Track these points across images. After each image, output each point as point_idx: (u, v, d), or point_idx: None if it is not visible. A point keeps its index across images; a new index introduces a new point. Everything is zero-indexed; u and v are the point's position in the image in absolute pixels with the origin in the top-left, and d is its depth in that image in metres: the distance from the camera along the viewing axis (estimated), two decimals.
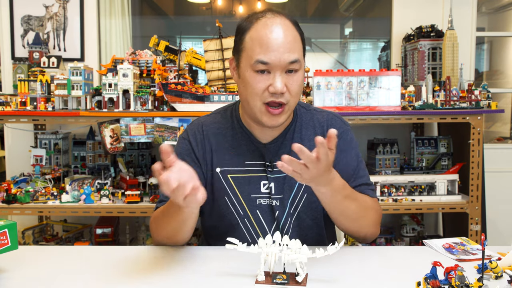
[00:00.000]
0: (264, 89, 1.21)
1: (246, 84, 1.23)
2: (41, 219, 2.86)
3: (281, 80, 1.20)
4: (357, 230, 1.30)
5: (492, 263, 0.99)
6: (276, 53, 1.18)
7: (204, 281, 1.03)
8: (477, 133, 2.38)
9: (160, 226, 1.28)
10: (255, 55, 1.20)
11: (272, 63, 1.19)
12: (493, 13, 4.12)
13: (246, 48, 1.23)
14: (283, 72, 1.21)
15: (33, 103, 2.41)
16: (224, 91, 2.44)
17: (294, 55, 1.20)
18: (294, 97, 1.24)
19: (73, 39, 2.94)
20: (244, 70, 1.24)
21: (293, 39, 1.21)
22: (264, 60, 1.19)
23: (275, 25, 1.20)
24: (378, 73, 2.39)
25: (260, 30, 1.21)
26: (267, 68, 1.20)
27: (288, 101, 1.23)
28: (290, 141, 1.35)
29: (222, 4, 4.07)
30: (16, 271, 1.08)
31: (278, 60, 1.19)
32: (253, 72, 1.21)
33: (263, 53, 1.19)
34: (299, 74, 1.24)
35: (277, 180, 1.32)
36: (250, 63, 1.21)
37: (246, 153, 1.34)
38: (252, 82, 1.22)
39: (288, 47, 1.19)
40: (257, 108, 1.24)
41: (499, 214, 3.00)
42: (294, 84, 1.22)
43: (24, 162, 2.78)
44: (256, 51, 1.20)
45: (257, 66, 1.20)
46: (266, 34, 1.19)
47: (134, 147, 2.79)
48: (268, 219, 1.33)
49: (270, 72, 1.21)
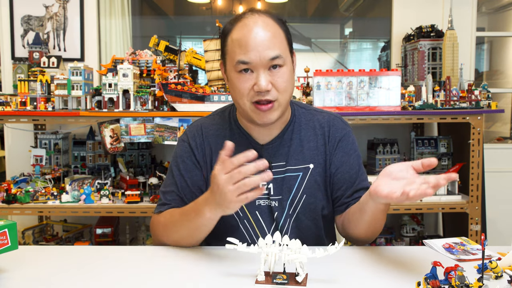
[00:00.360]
0: (249, 88, 1.21)
1: (233, 85, 1.25)
2: (41, 219, 2.86)
3: (265, 77, 1.20)
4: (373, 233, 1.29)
5: (492, 263, 0.99)
6: (255, 51, 1.18)
7: (204, 281, 1.03)
8: (477, 133, 2.38)
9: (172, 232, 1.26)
10: (236, 56, 1.20)
11: (253, 62, 1.19)
12: (493, 13, 4.12)
13: (229, 50, 1.24)
14: (266, 70, 1.20)
15: (33, 103, 2.41)
16: (224, 91, 2.44)
17: (274, 51, 1.19)
18: (282, 93, 1.23)
19: (73, 39, 2.94)
20: (229, 72, 1.25)
21: (272, 35, 1.21)
22: (245, 60, 1.19)
23: (253, 24, 1.21)
24: (378, 73, 2.39)
25: (239, 31, 1.21)
26: (249, 67, 1.20)
27: (276, 98, 1.22)
28: (289, 141, 1.35)
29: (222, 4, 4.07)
30: (16, 271, 1.08)
31: (258, 58, 1.19)
32: (236, 73, 1.22)
33: (243, 53, 1.19)
34: (284, 70, 1.23)
35: (275, 181, 1.32)
36: (233, 64, 1.22)
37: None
38: (237, 83, 1.22)
39: (267, 44, 1.19)
40: (247, 108, 1.24)
41: (499, 214, 3.00)
42: (279, 80, 1.22)
43: (24, 162, 2.78)
44: (237, 52, 1.20)
45: (239, 66, 1.21)
46: (244, 34, 1.20)
47: (134, 147, 2.80)
48: (267, 220, 1.33)
49: (253, 71, 1.21)
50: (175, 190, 1.34)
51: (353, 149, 1.38)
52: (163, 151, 2.97)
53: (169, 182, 1.37)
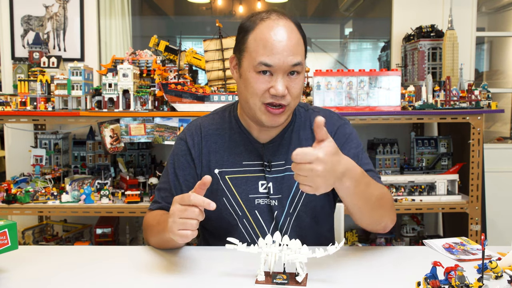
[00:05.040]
0: (265, 90, 1.21)
1: (247, 84, 1.23)
2: (41, 219, 2.86)
3: (283, 83, 1.20)
4: (379, 219, 1.24)
5: (492, 263, 0.99)
6: (280, 56, 1.18)
7: (204, 281, 1.03)
8: (477, 133, 2.38)
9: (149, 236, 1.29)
10: (259, 57, 1.19)
11: (275, 65, 1.19)
12: (493, 13, 4.12)
13: (249, 48, 1.23)
14: (285, 75, 1.21)
15: (33, 103, 2.41)
16: (224, 91, 2.44)
17: (297, 58, 1.20)
18: (294, 99, 1.24)
19: (73, 39, 2.94)
20: (246, 70, 1.24)
21: (296, 42, 1.21)
22: (268, 62, 1.19)
23: (279, 27, 1.20)
24: (378, 73, 2.39)
25: (264, 32, 1.20)
26: (269, 69, 1.20)
27: (288, 103, 1.23)
28: (289, 141, 1.35)
29: (222, 4, 4.07)
30: (16, 271, 1.08)
31: (281, 62, 1.19)
32: (255, 73, 1.21)
33: (267, 55, 1.19)
34: (301, 77, 1.24)
35: (275, 180, 1.32)
36: (253, 64, 1.21)
37: (244, 153, 1.34)
38: (253, 82, 1.22)
39: (291, 50, 1.19)
40: (256, 107, 1.24)
41: (499, 214, 3.00)
42: (295, 86, 1.23)
43: (24, 162, 2.78)
44: (260, 53, 1.19)
45: (260, 67, 1.20)
46: (270, 36, 1.19)
47: (134, 147, 2.80)
48: (267, 219, 1.32)
49: (272, 74, 1.21)
50: (168, 188, 1.35)
51: (350, 139, 1.36)
52: (163, 151, 2.97)
53: (164, 179, 1.39)
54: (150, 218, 1.32)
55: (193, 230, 1.02)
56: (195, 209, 1.01)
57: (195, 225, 1.02)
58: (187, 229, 1.02)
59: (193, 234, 1.03)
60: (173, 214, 1.04)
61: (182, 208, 1.02)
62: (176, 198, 1.06)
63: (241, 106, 1.34)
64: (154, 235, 1.25)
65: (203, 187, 1.04)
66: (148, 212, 1.37)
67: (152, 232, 1.27)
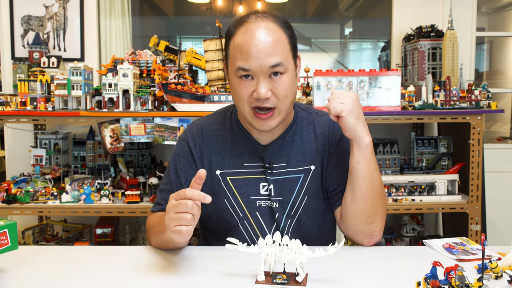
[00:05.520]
0: (249, 94, 1.21)
1: (233, 89, 1.25)
2: (41, 219, 2.86)
3: (265, 85, 1.18)
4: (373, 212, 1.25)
5: (492, 263, 0.99)
6: (256, 59, 1.17)
7: (204, 281, 1.03)
8: (477, 133, 2.38)
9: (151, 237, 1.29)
10: (237, 62, 1.20)
11: (253, 69, 1.18)
12: (493, 13, 4.12)
13: (230, 55, 1.23)
14: (266, 77, 1.19)
15: (33, 103, 2.41)
16: (224, 91, 2.44)
17: (275, 59, 1.18)
18: (282, 100, 1.22)
19: (73, 39, 2.94)
20: (231, 76, 1.25)
21: (274, 42, 1.18)
22: (245, 67, 1.18)
23: (255, 29, 1.18)
24: (378, 73, 2.39)
25: (240, 37, 1.20)
26: (249, 73, 1.19)
27: (275, 105, 1.21)
28: (290, 143, 1.34)
29: (222, 4, 4.07)
30: (16, 271, 1.08)
31: (258, 66, 1.17)
32: (237, 78, 1.22)
33: (243, 60, 1.18)
34: (285, 77, 1.21)
35: (276, 182, 1.32)
36: (233, 69, 1.21)
37: (245, 154, 1.33)
38: (237, 88, 1.22)
39: (268, 52, 1.17)
40: (246, 113, 1.24)
41: (499, 214, 3.00)
42: (279, 87, 1.20)
43: (24, 162, 2.78)
44: (237, 58, 1.19)
45: (239, 72, 1.20)
46: (246, 40, 1.18)
47: (134, 147, 2.80)
48: (268, 221, 1.32)
49: (253, 77, 1.20)
50: (169, 189, 1.34)
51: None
52: (163, 151, 2.97)
53: (166, 181, 1.38)
54: (152, 220, 1.32)
55: (187, 225, 1.00)
56: (188, 201, 1.00)
57: (189, 219, 1.00)
58: (182, 224, 1.00)
59: (188, 231, 1.01)
60: (168, 210, 1.03)
61: (176, 203, 1.02)
62: (172, 195, 1.05)
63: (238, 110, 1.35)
64: (155, 236, 1.25)
65: (198, 181, 1.04)
66: (150, 214, 1.37)
67: (153, 233, 1.27)
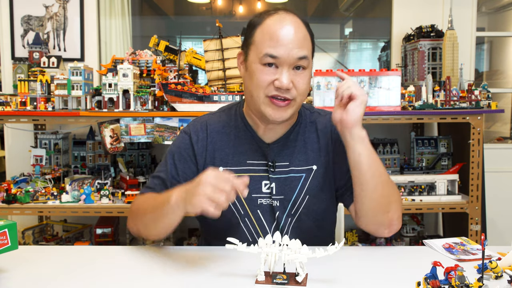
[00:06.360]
0: (269, 82, 1.21)
1: (252, 76, 1.23)
2: (41, 219, 2.86)
3: (288, 76, 1.20)
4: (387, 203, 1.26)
5: (492, 263, 0.99)
6: (285, 47, 1.19)
7: (204, 281, 1.03)
8: (477, 133, 2.38)
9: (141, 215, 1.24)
10: (264, 48, 1.20)
11: (281, 57, 1.19)
12: (493, 13, 4.12)
13: (256, 41, 1.23)
14: (290, 68, 1.21)
15: (33, 103, 2.41)
16: (224, 91, 2.44)
17: (303, 51, 1.21)
18: (300, 95, 1.24)
19: (73, 39, 2.94)
20: (252, 62, 1.24)
21: (303, 37, 1.22)
22: (273, 53, 1.19)
23: (286, 21, 1.21)
24: (378, 73, 2.39)
25: (271, 25, 1.22)
26: (275, 61, 1.20)
27: (294, 98, 1.23)
28: (294, 142, 1.35)
29: (222, 4, 4.08)
30: (16, 271, 1.08)
31: (286, 54, 1.19)
32: (260, 65, 1.21)
33: (273, 47, 1.19)
34: (307, 73, 1.24)
35: (278, 180, 1.32)
36: (259, 56, 1.21)
37: (249, 152, 1.33)
38: (258, 74, 1.22)
39: (297, 43, 1.20)
40: (260, 100, 1.23)
41: (499, 214, 3.00)
42: (301, 81, 1.23)
43: (24, 162, 2.78)
44: (266, 44, 1.20)
45: (266, 59, 1.20)
46: (276, 28, 1.20)
47: (134, 147, 2.80)
48: (268, 219, 1.32)
49: (277, 66, 1.21)
50: (164, 177, 1.33)
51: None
52: (163, 151, 2.97)
53: (161, 168, 1.36)
54: (143, 198, 1.28)
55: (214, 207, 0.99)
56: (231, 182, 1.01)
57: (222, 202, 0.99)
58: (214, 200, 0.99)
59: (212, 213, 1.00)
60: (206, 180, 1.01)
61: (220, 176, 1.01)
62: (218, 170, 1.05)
63: (247, 102, 1.34)
64: (146, 213, 1.21)
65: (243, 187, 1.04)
66: (138, 196, 1.34)
67: (145, 209, 1.22)
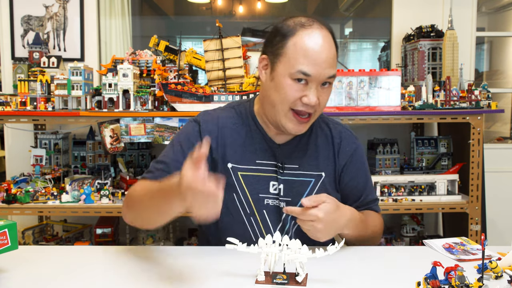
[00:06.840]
0: (297, 98, 1.22)
1: (280, 89, 1.22)
2: (41, 219, 2.85)
3: (316, 93, 1.21)
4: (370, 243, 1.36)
5: (492, 263, 0.99)
6: (319, 67, 1.19)
7: (204, 281, 1.03)
8: (477, 133, 2.38)
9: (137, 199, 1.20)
10: (298, 65, 1.19)
11: (313, 76, 1.20)
12: (493, 13, 4.12)
13: (288, 54, 1.21)
14: (319, 85, 1.22)
15: (33, 103, 2.41)
16: (224, 91, 2.44)
17: (334, 70, 1.23)
18: (321, 108, 1.27)
19: (73, 39, 2.94)
20: (281, 75, 1.22)
21: (334, 55, 1.23)
22: (307, 72, 1.19)
23: (323, 38, 1.21)
24: (378, 73, 2.39)
25: (306, 40, 1.20)
26: (306, 78, 1.20)
27: (315, 112, 1.25)
28: (305, 146, 1.35)
29: (222, 4, 4.08)
30: (16, 271, 1.08)
31: (319, 74, 1.20)
32: (291, 79, 1.21)
33: (307, 65, 1.19)
34: (330, 88, 1.27)
35: (286, 182, 1.32)
36: (290, 71, 1.20)
37: (258, 151, 1.33)
38: (287, 89, 1.21)
39: (330, 63, 1.21)
40: (283, 113, 1.24)
41: (499, 214, 3.00)
42: (325, 97, 1.25)
43: (24, 162, 2.78)
44: (300, 61, 1.19)
45: (298, 75, 1.20)
46: (311, 46, 1.19)
47: (134, 147, 2.79)
48: (274, 220, 1.32)
49: (307, 83, 1.21)
50: (168, 162, 1.31)
51: (363, 162, 1.42)
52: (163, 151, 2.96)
53: (166, 153, 1.35)
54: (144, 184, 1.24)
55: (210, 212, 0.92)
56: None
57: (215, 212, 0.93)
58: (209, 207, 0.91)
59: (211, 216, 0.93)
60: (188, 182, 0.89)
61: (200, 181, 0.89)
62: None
63: (264, 108, 1.32)
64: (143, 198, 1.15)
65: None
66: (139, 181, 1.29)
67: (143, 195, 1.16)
